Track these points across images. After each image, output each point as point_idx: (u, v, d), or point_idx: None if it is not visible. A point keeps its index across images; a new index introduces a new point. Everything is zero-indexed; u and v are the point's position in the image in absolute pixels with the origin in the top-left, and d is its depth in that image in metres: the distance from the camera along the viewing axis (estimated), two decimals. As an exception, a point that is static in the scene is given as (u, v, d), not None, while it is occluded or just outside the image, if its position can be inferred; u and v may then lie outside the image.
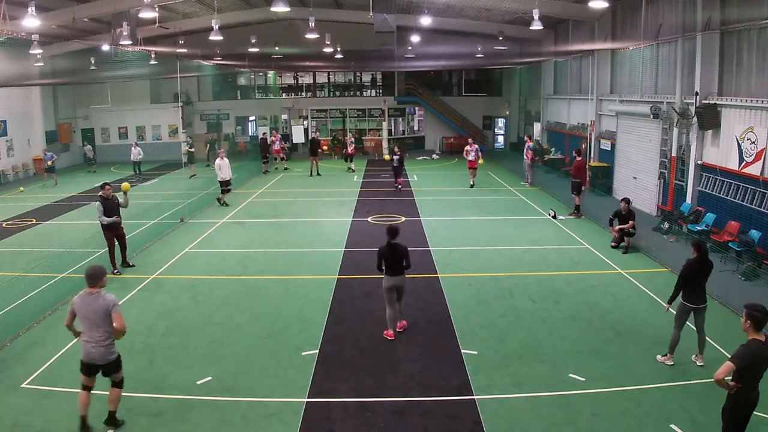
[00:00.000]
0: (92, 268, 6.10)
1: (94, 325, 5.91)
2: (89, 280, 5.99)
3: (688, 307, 7.45)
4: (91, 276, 6.00)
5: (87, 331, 5.96)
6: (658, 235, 14.10)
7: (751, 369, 4.89)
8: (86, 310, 5.92)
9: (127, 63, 27.18)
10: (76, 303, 6.01)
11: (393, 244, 8.35)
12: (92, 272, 6.03)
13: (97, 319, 5.89)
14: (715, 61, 13.40)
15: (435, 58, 28.09)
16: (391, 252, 8.33)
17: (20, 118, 25.83)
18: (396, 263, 8.32)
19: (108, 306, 5.91)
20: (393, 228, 8.56)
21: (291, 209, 17.91)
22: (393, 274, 8.34)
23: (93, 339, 5.94)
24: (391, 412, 6.59)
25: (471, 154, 20.92)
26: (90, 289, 5.98)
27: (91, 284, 5.98)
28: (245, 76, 35.38)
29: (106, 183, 11.62)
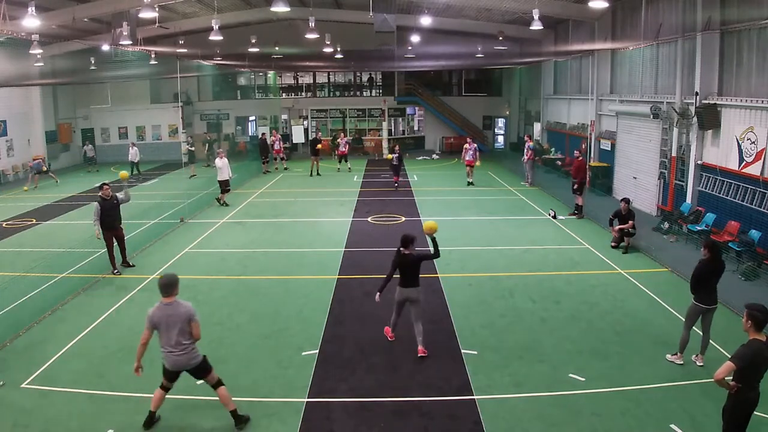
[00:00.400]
0: (167, 277, 6.02)
1: (177, 334, 5.88)
2: (166, 289, 5.92)
3: (700, 308, 7.42)
4: (167, 285, 5.93)
5: (168, 341, 5.92)
6: (658, 235, 14.10)
7: (751, 369, 4.89)
8: (168, 320, 5.87)
9: (127, 63, 27.17)
10: (155, 315, 5.90)
11: (405, 254, 7.83)
12: (168, 281, 5.96)
13: (180, 327, 5.88)
14: (715, 61, 13.40)
15: (435, 58, 28.09)
16: (404, 261, 7.84)
17: (20, 118, 25.82)
18: (410, 274, 7.84)
19: (190, 314, 5.94)
20: (406, 237, 7.98)
21: (291, 209, 17.91)
22: (405, 285, 7.87)
23: (177, 348, 5.93)
24: (391, 412, 6.59)
25: (469, 153, 21.26)
26: (166, 299, 5.93)
27: (168, 294, 5.93)
28: (245, 76, 35.37)
29: (104, 183, 11.64)
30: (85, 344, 8.42)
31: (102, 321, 9.28)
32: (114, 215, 11.43)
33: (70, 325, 9.06)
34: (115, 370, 7.62)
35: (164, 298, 5.93)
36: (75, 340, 8.54)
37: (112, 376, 7.45)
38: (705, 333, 7.57)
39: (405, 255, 7.83)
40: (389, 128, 32.97)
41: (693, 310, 7.48)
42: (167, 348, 5.93)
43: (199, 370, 6.14)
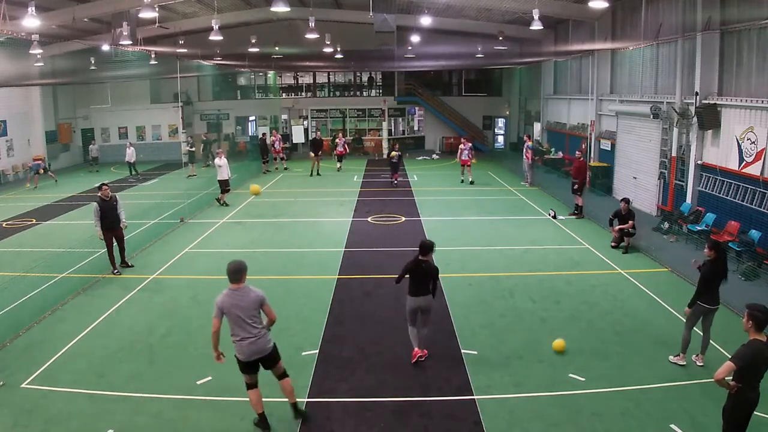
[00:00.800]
0: (235, 263, 5.87)
1: (247, 320, 5.79)
2: (235, 275, 5.82)
3: (704, 308, 7.39)
4: (236, 271, 5.82)
5: (240, 329, 5.80)
6: (658, 235, 14.10)
7: (751, 369, 4.89)
8: (238, 307, 5.77)
9: (127, 63, 27.17)
10: (224, 303, 5.79)
11: (422, 261, 7.46)
12: (237, 267, 5.83)
13: (251, 313, 5.80)
14: (715, 61, 13.40)
15: (435, 58, 28.09)
16: (419, 269, 7.46)
17: (20, 118, 25.82)
18: (422, 283, 7.47)
19: (260, 298, 5.88)
20: (426, 244, 7.56)
21: (291, 209, 17.91)
22: (416, 294, 7.47)
23: (251, 334, 5.83)
24: (391, 412, 6.59)
25: (464, 153, 21.81)
26: (234, 286, 5.82)
27: (237, 280, 5.82)
28: (245, 76, 35.37)
29: (103, 183, 11.65)
30: (85, 344, 8.42)
31: (102, 321, 9.28)
32: (113, 216, 11.43)
33: (70, 325, 9.06)
34: (115, 370, 7.62)
35: (232, 284, 5.82)
36: (75, 340, 8.54)
37: (112, 376, 7.44)
38: (705, 333, 7.57)
39: (420, 262, 7.45)
40: (389, 128, 32.98)
41: (697, 310, 7.46)
42: (239, 336, 5.81)
43: (270, 359, 6.04)
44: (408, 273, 7.51)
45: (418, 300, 7.48)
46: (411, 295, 7.52)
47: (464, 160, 21.87)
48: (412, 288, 7.49)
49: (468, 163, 21.86)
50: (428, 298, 7.51)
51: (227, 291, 5.82)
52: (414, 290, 7.49)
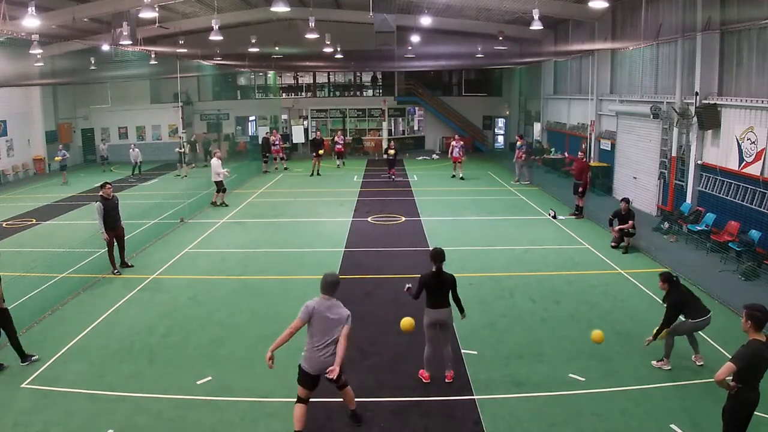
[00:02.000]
0: (333, 275, 5.93)
1: (329, 334, 5.66)
2: (332, 287, 5.81)
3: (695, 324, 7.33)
4: (333, 283, 5.83)
5: (318, 340, 5.66)
6: (658, 235, 14.10)
7: (751, 369, 4.89)
8: (327, 319, 5.67)
9: (127, 63, 27.17)
10: (316, 309, 5.68)
11: (439, 272, 6.96)
12: (334, 279, 5.87)
13: (336, 327, 5.66)
14: (715, 61, 13.40)
15: (435, 58, 28.09)
16: (437, 281, 6.97)
17: (20, 118, 25.83)
18: (440, 294, 6.98)
19: (347, 317, 5.77)
20: (439, 252, 7.04)
21: (291, 209, 17.91)
22: (435, 306, 6.98)
23: (329, 349, 5.65)
24: (391, 412, 6.59)
25: (456, 150, 22.84)
26: (326, 297, 5.78)
27: (331, 292, 5.80)
28: (245, 76, 35.37)
29: (106, 182, 11.64)
30: (85, 344, 8.42)
31: (102, 321, 9.28)
32: (115, 215, 11.45)
33: (70, 325, 9.06)
34: (115, 370, 7.61)
35: (324, 294, 5.77)
36: (75, 340, 8.54)
37: (112, 376, 7.44)
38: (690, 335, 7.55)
39: (438, 273, 6.94)
40: (389, 128, 32.99)
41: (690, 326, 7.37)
42: (316, 346, 5.66)
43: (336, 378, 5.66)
44: (425, 287, 6.98)
45: (436, 313, 6.98)
46: (429, 308, 7.01)
47: (455, 157, 22.83)
48: (430, 301, 6.98)
49: (459, 159, 22.79)
50: (447, 311, 7.00)
51: (320, 299, 5.77)
52: (432, 303, 6.98)
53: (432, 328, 7.09)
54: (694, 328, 7.43)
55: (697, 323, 7.34)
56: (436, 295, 6.97)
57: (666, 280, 7.44)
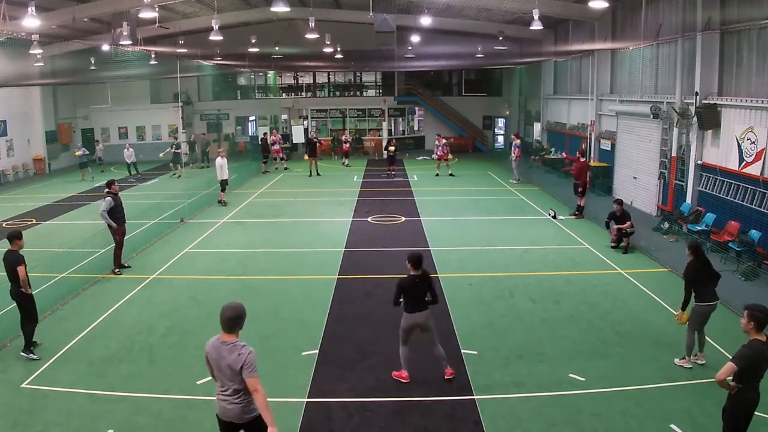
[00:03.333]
0: (232, 308, 4.67)
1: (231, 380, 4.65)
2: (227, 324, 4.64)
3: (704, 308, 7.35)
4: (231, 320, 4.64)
5: (222, 385, 4.76)
6: (658, 235, 14.10)
7: (751, 369, 4.88)
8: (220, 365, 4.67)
9: (127, 63, 27.17)
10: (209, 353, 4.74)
11: (416, 276, 6.88)
12: (232, 314, 4.64)
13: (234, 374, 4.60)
14: (715, 61, 13.40)
15: (435, 58, 28.10)
16: (413, 285, 6.89)
17: (20, 118, 25.84)
18: (418, 298, 6.93)
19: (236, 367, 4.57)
20: (417, 256, 6.98)
21: (291, 209, 17.91)
22: (414, 310, 6.91)
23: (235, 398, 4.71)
24: (391, 412, 6.59)
25: (439, 149, 23.66)
26: (224, 335, 4.65)
27: (229, 329, 4.64)
28: (245, 76, 35.38)
29: (113, 180, 11.67)
30: (85, 344, 8.42)
31: (102, 321, 9.28)
32: (122, 212, 11.54)
33: (70, 325, 9.06)
34: (115, 370, 7.62)
35: (222, 333, 4.68)
36: (75, 340, 8.54)
37: (112, 376, 7.44)
38: (700, 332, 7.56)
39: (415, 278, 6.87)
40: (389, 128, 32.99)
41: (698, 311, 7.40)
42: (220, 391, 4.80)
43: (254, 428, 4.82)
44: (404, 291, 6.91)
45: (415, 317, 6.93)
46: (408, 312, 6.95)
47: (440, 155, 23.64)
48: (409, 305, 6.92)
49: (445, 157, 23.58)
50: (426, 313, 6.98)
51: (216, 339, 4.74)
52: (411, 307, 6.92)
53: (410, 331, 7.08)
54: (702, 314, 7.41)
55: (702, 307, 7.35)
56: (416, 299, 6.95)
57: (691, 248, 7.55)
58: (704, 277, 7.42)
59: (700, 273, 7.43)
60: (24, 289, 7.90)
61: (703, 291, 7.37)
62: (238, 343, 4.64)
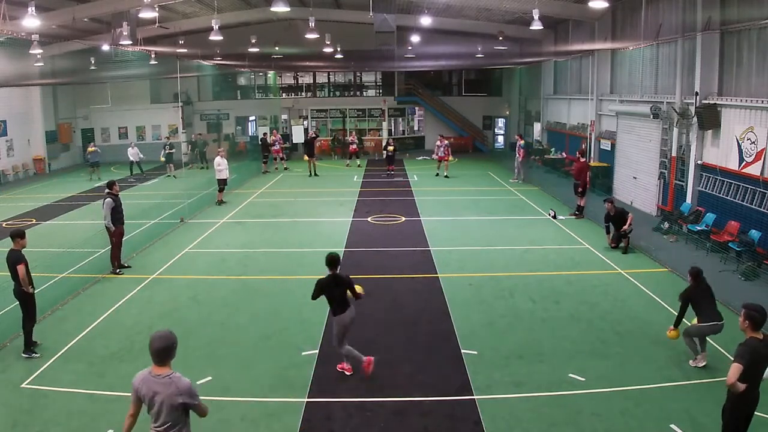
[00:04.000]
0: (160, 337, 4.22)
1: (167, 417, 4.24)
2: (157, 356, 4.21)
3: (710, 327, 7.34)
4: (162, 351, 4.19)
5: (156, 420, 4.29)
6: (658, 235, 14.10)
7: (751, 367, 4.86)
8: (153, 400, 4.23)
9: (127, 63, 27.15)
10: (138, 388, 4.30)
11: (335, 276, 7.16)
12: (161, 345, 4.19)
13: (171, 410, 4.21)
14: (715, 61, 13.39)
15: (435, 58, 28.09)
16: (334, 285, 7.13)
17: (20, 118, 25.82)
18: (342, 298, 7.18)
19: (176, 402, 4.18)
20: (330, 257, 7.24)
21: (291, 209, 17.90)
22: (342, 311, 7.17)
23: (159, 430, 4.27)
24: (391, 412, 6.58)
25: (440, 150, 23.30)
26: (155, 368, 4.23)
27: (160, 361, 4.22)
28: (245, 76, 35.37)
29: (114, 181, 11.67)
30: (85, 344, 8.42)
31: (102, 321, 9.27)
32: (121, 213, 11.55)
33: (70, 325, 9.06)
34: (115, 370, 7.61)
35: (153, 366, 4.23)
36: (75, 340, 8.54)
37: (112, 376, 7.44)
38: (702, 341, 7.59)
39: (335, 277, 7.14)
40: (389, 128, 32.98)
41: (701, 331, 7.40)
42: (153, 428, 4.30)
43: None
44: (324, 291, 7.12)
45: (345, 317, 7.19)
46: (340, 314, 7.15)
47: (441, 156, 23.36)
48: (338, 307, 7.16)
49: (445, 159, 23.28)
50: (353, 309, 7.28)
51: (147, 372, 4.28)
52: (341, 308, 7.17)
53: (347, 330, 7.28)
54: (700, 333, 7.46)
55: (701, 327, 7.37)
56: (340, 299, 7.15)
57: (691, 273, 7.63)
58: (702, 300, 7.44)
59: (699, 296, 7.47)
60: (25, 288, 7.91)
61: (704, 311, 7.38)
62: (172, 375, 4.21)
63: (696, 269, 7.72)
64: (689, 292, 7.54)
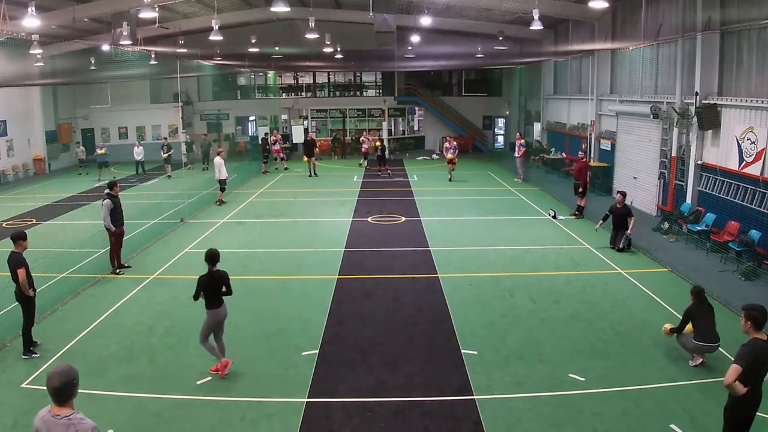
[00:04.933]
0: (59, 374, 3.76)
1: None
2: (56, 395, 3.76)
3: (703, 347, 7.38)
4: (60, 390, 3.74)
5: None
6: (658, 235, 14.10)
7: (754, 368, 4.86)
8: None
9: (127, 63, 27.13)
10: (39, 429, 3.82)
11: (215, 272, 7.40)
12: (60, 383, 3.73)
13: None
14: (715, 61, 13.40)
15: (435, 58, 28.08)
16: (212, 281, 7.39)
17: (20, 118, 25.83)
18: (218, 294, 7.42)
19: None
20: (209, 253, 7.48)
21: (291, 209, 17.90)
22: (217, 306, 7.42)
23: None
24: (391, 412, 6.59)
25: (450, 152, 22.52)
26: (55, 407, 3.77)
27: (60, 400, 3.77)
28: (245, 76, 35.37)
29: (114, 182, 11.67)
30: (85, 344, 8.42)
31: (102, 321, 9.27)
32: (120, 214, 11.55)
33: (70, 325, 9.06)
34: (115, 370, 7.62)
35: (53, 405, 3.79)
36: (75, 340, 8.54)
37: (112, 376, 7.45)
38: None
39: (214, 274, 7.38)
40: (389, 128, 32.98)
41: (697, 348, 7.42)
42: None
43: None
44: (204, 288, 7.36)
45: (220, 312, 7.42)
46: (215, 308, 7.38)
47: (450, 157, 22.48)
48: (214, 302, 7.38)
49: (454, 161, 22.57)
50: (224, 307, 7.51)
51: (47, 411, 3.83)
52: (216, 303, 7.40)
53: (217, 326, 7.48)
54: (694, 349, 7.49)
55: (697, 345, 7.41)
56: (216, 295, 7.39)
57: (693, 292, 7.67)
58: (701, 319, 7.45)
59: (698, 315, 7.47)
60: (25, 291, 7.89)
61: (701, 331, 7.39)
62: (74, 415, 3.81)
63: (698, 288, 7.74)
64: (690, 310, 7.55)
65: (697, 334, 7.41)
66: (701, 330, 7.39)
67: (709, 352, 7.44)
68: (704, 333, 7.36)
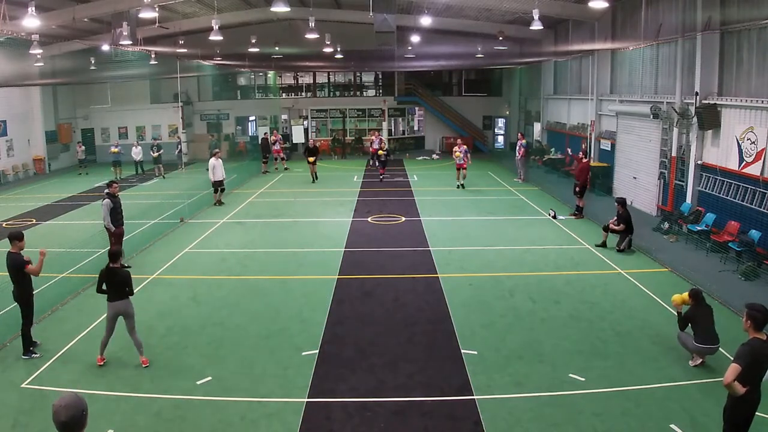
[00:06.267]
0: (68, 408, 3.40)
1: None
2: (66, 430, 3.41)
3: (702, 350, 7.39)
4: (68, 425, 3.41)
5: None
6: (658, 235, 14.10)
7: (753, 368, 4.86)
8: None
9: (127, 63, 27.12)
10: None
11: (113, 269, 7.66)
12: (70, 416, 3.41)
13: None
14: (715, 61, 13.39)
15: (435, 58, 28.08)
16: (111, 277, 7.63)
17: (20, 118, 25.82)
18: (118, 288, 7.64)
19: None
20: (111, 251, 7.89)
21: (291, 209, 17.90)
22: (114, 299, 7.63)
23: None
24: (391, 412, 6.59)
25: (460, 157, 20.33)
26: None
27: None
28: (245, 76, 35.36)
29: (113, 181, 11.66)
30: (85, 344, 8.42)
31: (102, 321, 9.23)
32: (120, 213, 11.54)
33: (70, 325, 9.06)
34: (115, 370, 7.62)
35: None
36: (75, 340, 8.54)
37: (112, 376, 7.45)
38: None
39: (112, 270, 7.64)
40: (389, 128, 32.98)
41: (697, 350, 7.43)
42: None
43: None
44: (104, 281, 7.64)
45: (117, 305, 7.63)
46: (113, 301, 7.64)
47: (460, 164, 20.48)
48: (112, 295, 7.63)
49: (464, 166, 20.49)
50: (126, 302, 7.66)
51: None
52: (114, 296, 7.62)
53: (114, 319, 7.69)
54: (694, 350, 7.50)
55: (697, 347, 7.42)
56: (115, 289, 7.64)
57: (691, 294, 7.65)
58: (700, 321, 7.46)
59: (697, 317, 7.48)
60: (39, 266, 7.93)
61: (700, 333, 7.40)
62: None
63: (696, 290, 7.76)
64: (689, 314, 7.56)
65: (697, 336, 7.42)
66: (701, 332, 7.39)
67: (709, 354, 7.44)
68: (704, 335, 7.37)
